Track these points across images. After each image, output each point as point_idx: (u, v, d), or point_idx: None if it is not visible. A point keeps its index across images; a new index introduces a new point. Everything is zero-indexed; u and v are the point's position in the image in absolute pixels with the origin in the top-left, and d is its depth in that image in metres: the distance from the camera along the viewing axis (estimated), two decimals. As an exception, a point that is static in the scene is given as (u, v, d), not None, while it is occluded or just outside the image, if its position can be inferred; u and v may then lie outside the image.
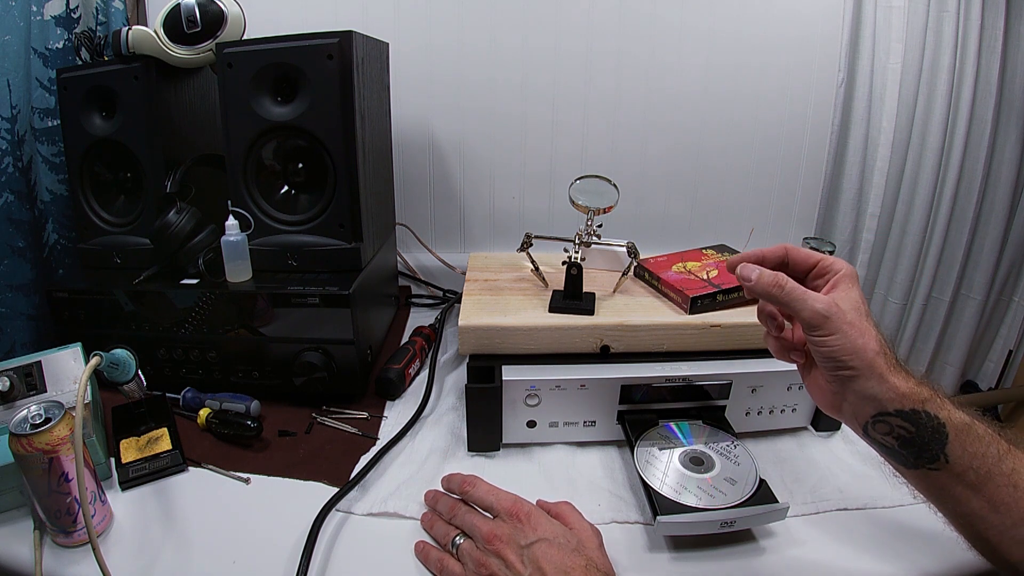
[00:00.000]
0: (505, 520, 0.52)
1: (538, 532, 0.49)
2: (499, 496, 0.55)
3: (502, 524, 0.51)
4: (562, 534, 0.50)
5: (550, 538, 0.48)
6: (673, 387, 0.67)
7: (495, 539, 0.50)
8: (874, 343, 0.43)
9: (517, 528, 0.50)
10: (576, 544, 0.49)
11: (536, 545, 0.48)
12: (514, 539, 0.49)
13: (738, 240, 0.94)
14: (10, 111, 0.84)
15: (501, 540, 0.49)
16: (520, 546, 0.48)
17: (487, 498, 0.55)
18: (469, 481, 0.58)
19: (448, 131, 1.13)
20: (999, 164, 1.29)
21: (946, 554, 0.54)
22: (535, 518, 0.51)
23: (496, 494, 0.55)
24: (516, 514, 0.51)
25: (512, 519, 0.51)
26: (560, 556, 0.47)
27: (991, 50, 1.20)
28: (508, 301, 0.75)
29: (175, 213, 0.75)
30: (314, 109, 0.72)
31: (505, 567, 0.48)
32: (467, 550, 0.51)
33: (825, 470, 0.66)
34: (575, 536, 0.50)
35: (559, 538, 0.49)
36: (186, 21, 0.75)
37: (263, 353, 0.76)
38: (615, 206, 0.74)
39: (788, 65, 1.10)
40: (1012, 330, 1.44)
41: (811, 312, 0.43)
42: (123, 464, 0.63)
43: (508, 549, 0.49)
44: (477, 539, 0.51)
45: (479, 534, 0.51)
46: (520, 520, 0.51)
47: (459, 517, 0.54)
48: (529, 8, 1.06)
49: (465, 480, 0.58)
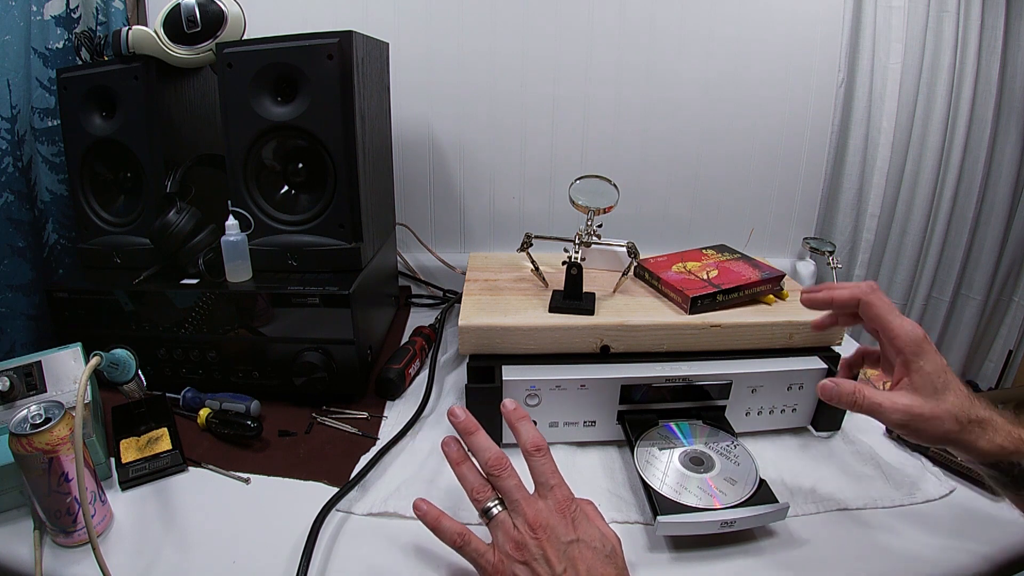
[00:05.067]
0: (553, 509, 0.48)
1: (578, 532, 0.47)
2: (559, 483, 0.50)
3: (549, 513, 0.48)
4: (599, 539, 0.48)
5: (588, 541, 0.47)
6: (673, 387, 0.67)
7: (541, 528, 0.46)
8: (954, 424, 0.47)
9: (562, 523, 0.47)
10: (610, 551, 0.48)
11: (575, 545, 0.46)
12: (557, 534, 0.47)
13: (738, 240, 0.94)
14: (10, 111, 0.84)
15: (546, 531, 0.46)
16: (562, 542, 0.46)
17: (550, 478, 0.50)
18: (542, 447, 0.51)
19: (448, 131, 1.13)
20: (999, 164, 1.30)
21: (946, 554, 0.55)
22: (579, 517, 0.49)
23: (558, 479, 0.50)
24: (565, 509, 0.48)
25: (560, 513, 0.48)
26: (596, 561, 0.46)
27: (991, 50, 1.20)
28: (508, 301, 0.75)
29: (175, 213, 0.75)
30: (314, 109, 0.72)
31: (543, 560, 0.45)
32: (504, 526, 0.48)
33: (825, 470, 0.66)
34: (609, 543, 0.49)
35: (595, 542, 0.47)
36: (186, 21, 0.75)
37: (263, 353, 0.76)
38: (615, 206, 0.74)
39: (788, 65, 1.09)
40: (1012, 330, 1.44)
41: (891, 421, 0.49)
42: (123, 464, 0.63)
43: (549, 543, 0.46)
44: (518, 518, 0.47)
45: (524, 515, 0.47)
46: (565, 516, 0.48)
47: (505, 481, 0.49)
48: (529, 8, 1.06)
49: (538, 443, 0.51)
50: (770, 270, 0.79)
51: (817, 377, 0.69)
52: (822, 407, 0.71)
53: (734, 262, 0.82)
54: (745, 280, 0.76)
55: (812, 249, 1.03)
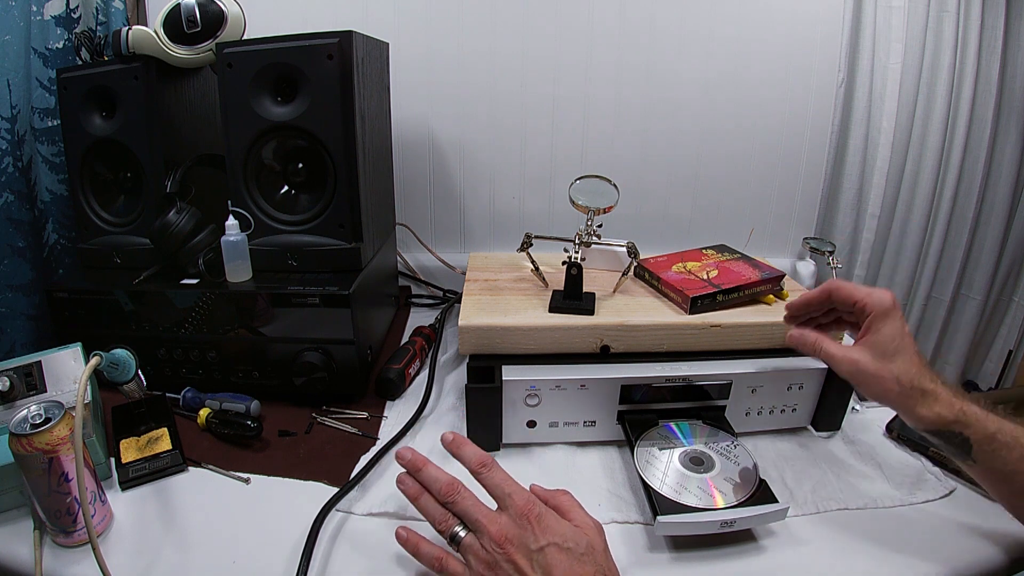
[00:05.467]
0: (514, 519, 0.48)
1: (548, 535, 0.47)
2: (514, 490, 0.49)
3: (511, 524, 0.47)
4: (571, 536, 0.47)
5: (560, 542, 0.46)
6: (673, 387, 0.67)
7: (507, 542, 0.46)
8: (894, 385, 0.53)
9: (527, 530, 0.47)
10: (586, 547, 0.47)
11: (546, 551, 0.46)
12: (524, 542, 0.46)
13: (738, 240, 0.94)
14: (10, 111, 0.84)
15: (512, 543, 0.46)
16: (531, 550, 0.46)
17: (503, 488, 0.50)
18: (486, 462, 0.51)
19: (448, 131, 1.13)
20: (999, 164, 1.30)
21: (946, 554, 0.55)
22: (545, 519, 0.48)
23: (512, 487, 0.50)
24: (527, 515, 0.47)
25: (522, 519, 0.47)
26: (571, 563, 0.45)
27: (991, 50, 1.20)
28: (508, 301, 0.75)
29: (175, 213, 0.75)
30: (314, 109, 0.72)
31: (517, 573, 0.45)
32: (472, 549, 0.47)
33: (825, 470, 0.66)
34: (584, 537, 0.48)
35: (568, 542, 0.47)
36: (186, 21, 0.75)
37: (263, 353, 0.76)
38: (615, 206, 0.74)
39: (788, 65, 1.09)
40: (1012, 330, 1.44)
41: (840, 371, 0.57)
42: (123, 464, 0.63)
43: (519, 553, 0.46)
44: (483, 537, 0.47)
45: (487, 533, 0.47)
46: (530, 522, 0.47)
47: (460, 504, 0.49)
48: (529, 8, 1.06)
49: (482, 459, 0.51)
50: (770, 270, 0.79)
51: (817, 377, 0.69)
52: (822, 407, 0.71)
53: (734, 262, 0.82)
54: (745, 280, 0.76)
55: (812, 249, 1.02)
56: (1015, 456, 0.50)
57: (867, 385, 0.55)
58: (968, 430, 0.51)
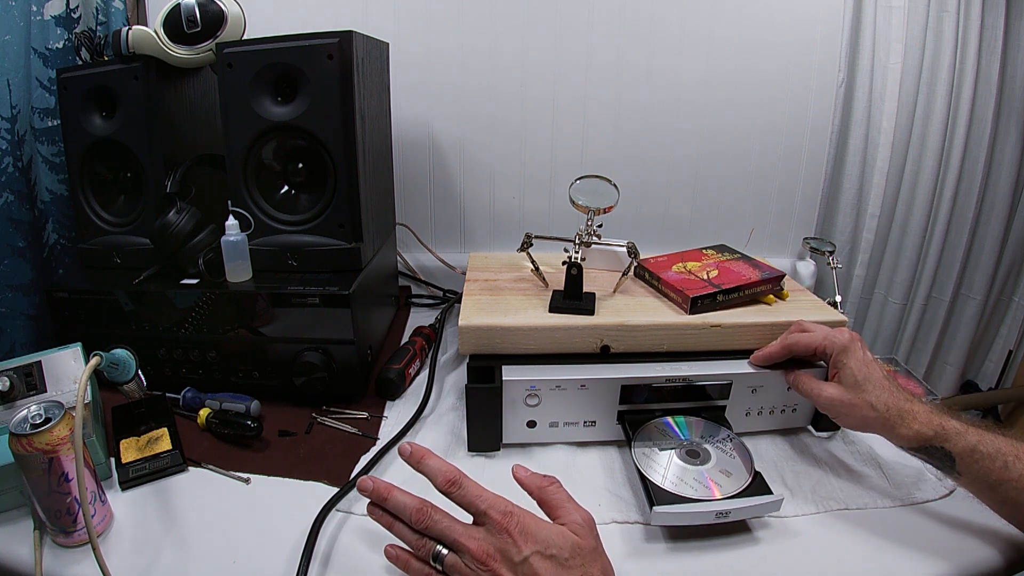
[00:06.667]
0: (493, 533, 0.46)
1: (530, 544, 0.45)
2: (489, 503, 0.47)
3: (490, 539, 0.46)
4: (555, 541, 0.46)
5: (542, 550, 0.45)
6: (673, 387, 0.67)
7: (489, 559, 0.45)
8: (870, 411, 0.57)
9: (507, 543, 0.45)
10: (571, 550, 0.46)
11: (529, 561, 0.45)
12: (507, 556, 0.45)
13: (738, 240, 0.94)
14: (10, 111, 0.84)
15: (495, 559, 0.45)
16: (514, 563, 0.45)
17: (477, 505, 0.47)
18: (454, 480, 0.48)
19: (448, 131, 1.13)
20: (999, 164, 1.29)
21: (946, 554, 0.55)
22: (526, 527, 0.46)
23: (486, 500, 0.48)
24: (507, 527, 0.46)
25: (502, 533, 0.46)
26: (556, 570, 0.45)
27: (991, 50, 1.20)
28: (508, 301, 0.75)
29: (175, 213, 0.75)
30: (314, 109, 0.72)
31: None
32: (457, 568, 0.46)
33: (825, 470, 0.66)
34: (569, 539, 0.47)
35: (551, 548, 0.45)
36: (186, 21, 0.75)
37: (263, 353, 0.76)
38: (615, 206, 0.74)
39: (788, 65, 1.09)
40: (1012, 330, 1.44)
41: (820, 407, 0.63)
42: (123, 464, 0.63)
43: (504, 569, 0.45)
44: (465, 556, 0.46)
45: (468, 552, 0.45)
46: (510, 533, 0.45)
47: (435, 528, 0.47)
48: (529, 8, 1.06)
49: (449, 477, 0.49)
50: (770, 270, 0.79)
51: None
52: (822, 407, 0.71)
53: (734, 262, 0.82)
54: (745, 280, 0.76)
55: (812, 249, 1.03)
56: (998, 466, 0.52)
57: (846, 415, 0.60)
58: (949, 444, 0.54)
